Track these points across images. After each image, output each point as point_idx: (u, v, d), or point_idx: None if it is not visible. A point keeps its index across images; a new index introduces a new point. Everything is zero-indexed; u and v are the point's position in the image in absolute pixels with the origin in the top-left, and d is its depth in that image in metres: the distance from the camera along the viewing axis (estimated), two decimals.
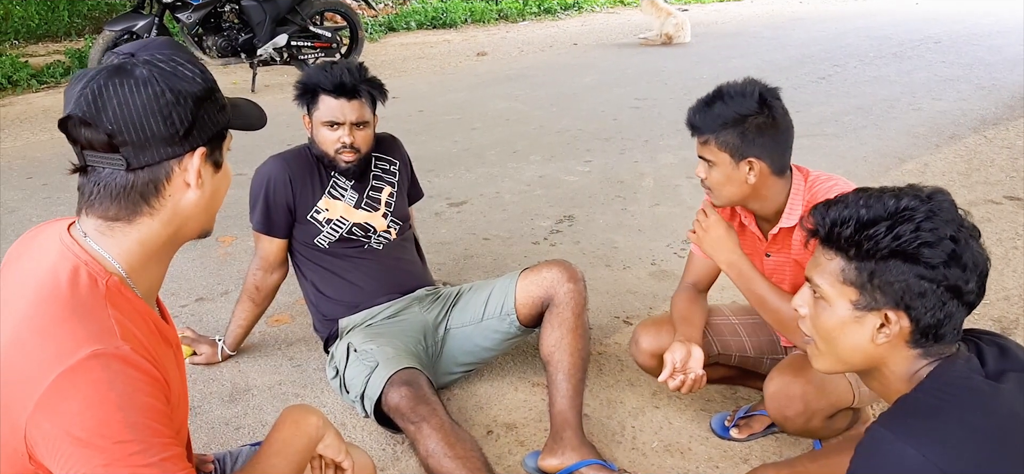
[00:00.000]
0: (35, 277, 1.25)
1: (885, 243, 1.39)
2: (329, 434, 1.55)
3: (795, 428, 2.30)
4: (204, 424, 2.67)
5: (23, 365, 1.16)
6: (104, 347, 1.16)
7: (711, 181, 2.29)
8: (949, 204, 1.41)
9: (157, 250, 1.32)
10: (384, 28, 11.31)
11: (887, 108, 6.92)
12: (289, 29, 7.75)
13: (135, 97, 1.21)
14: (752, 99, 2.21)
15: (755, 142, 2.21)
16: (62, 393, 1.13)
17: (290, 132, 6.07)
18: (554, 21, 12.84)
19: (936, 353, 1.42)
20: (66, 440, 1.12)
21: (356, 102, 2.72)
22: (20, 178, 5.15)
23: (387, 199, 2.91)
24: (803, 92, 7.53)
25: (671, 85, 7.98)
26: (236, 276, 3.71)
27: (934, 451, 1.25)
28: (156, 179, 1.26)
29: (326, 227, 2.82)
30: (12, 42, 9.45)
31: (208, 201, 1.35)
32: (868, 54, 9.49)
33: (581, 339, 2.61)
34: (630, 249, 4.08)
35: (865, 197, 1.45)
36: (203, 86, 1.28)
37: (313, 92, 2.74)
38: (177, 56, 1.28)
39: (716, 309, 2.65)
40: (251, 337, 3.10)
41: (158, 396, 1.21)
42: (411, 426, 2.37)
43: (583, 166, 5.47)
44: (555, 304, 2.63)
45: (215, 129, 1.31)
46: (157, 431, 1.18)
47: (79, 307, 1.20)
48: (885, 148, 5.77)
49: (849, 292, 1.45)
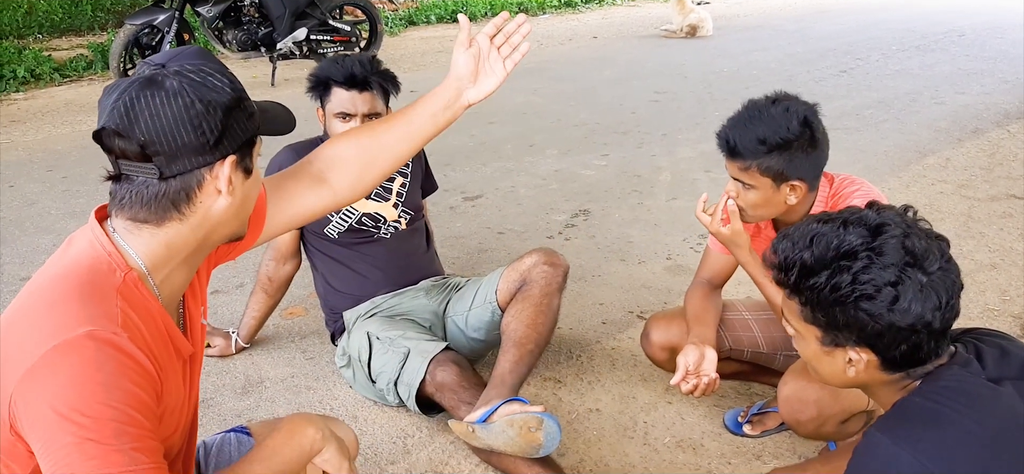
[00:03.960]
0: (61, 258, 1.31)
1: (824, 295, 1.37)
2: (329, 448, 1.51)
3: (807, 432, 2.27)
4: (216, 416, 2.68)
5: (24, 334, 1.21)
6: (100, 330, 1.19)
7: (746, 201, 2.23)
8: (894, 242, 1.35)
9: (184, 253, 1.35)
10: (404, 22, 11.32)
11: (909, 102, 6.85)
12: (308, 23, 7.77)
13: (166, 108, 1.24)
14: (796, 121, 2.13)
15: (799, 165, 2.15)
16: (52, 366, 1.16)
17: (309, 127, 6.05)
18: (575, 14, 12.79)
19: (920, 373, 1.40)
20: (47, 411, 1.15)
21: (368, 94, 2.72)
22: (41, 171, 5.20)
23: (398, 189, 2.90)
24: (824, 85, 7.45)
25: (691, 79, 7.93)
26: (251, 269, 3.71)
27: (928, 456, 1.24)
28: (188, 187, 1.29)
29: (336, 216, 2.82)
30: (36, 36, 9.55)
31: (239, 207, 1.37)
32: (891, 47, 9.38)
33: (541, 315, 2.55)
34: (646, 243, 4.06)
35: (815, 232, 1.40)
36: (232, 95, 1.30)
37: (325, 84, 2.76)
38: (207, 66, 1.30)
39: (730, 304, 2.63)
40: (265, 330, 3.11)
41: (146, 388, 1.22)
42: (463, 405, 2.40)
43: (600, 160, 5.44)
44: (526, 283, 2.61)
45: (244, 137, 1.33)
46: (135, 420, 1.19)
47: (89, 290, 1.23)
48: (906, 142, 5.71)
49: (813, 330, 1.44)
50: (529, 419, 2.25)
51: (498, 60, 1.68)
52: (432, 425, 2.60)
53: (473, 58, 1.67)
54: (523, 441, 2.24)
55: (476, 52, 1.68)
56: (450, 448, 2.51)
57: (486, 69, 1.68)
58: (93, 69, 8.19)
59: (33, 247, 3.98)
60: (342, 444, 1.54)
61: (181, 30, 7.28)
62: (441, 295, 2.86)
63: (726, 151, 2.22)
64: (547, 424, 2.25)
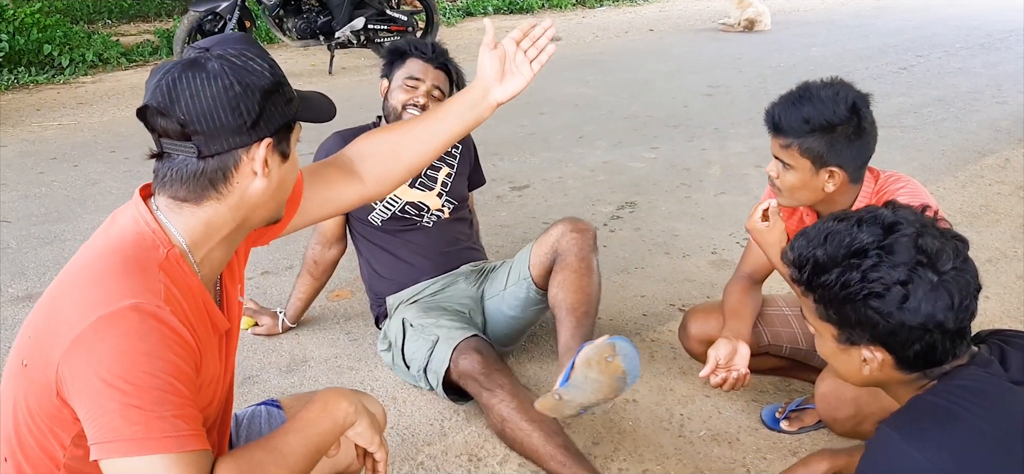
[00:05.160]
0: (106, 233, 1.36)
1: (834, 292, 1.37)
2: (361, 422, 1.51)
3: (844, 430, 2.25)
4: (261, 393, 2.76)
5: (72, 306, 1.26)
6: (144, 302, 1.24)
7: (784, 183, 2.22)
8: (906, 241, 1.34)
9: (223, 232, 1.39)
10: (461, 12, 11.38)
11: (970, 100, 6.69)
12: (366, 12, 7.87)
13: (206, 89, 1.28)
14: (843, 106, 2.11)
15: (841, 152, 2.13)
16: (99, 335, 1.21)
17: (363, 114, 6.14)
18: (632, 7, 12.72)
19: (937, 372, 1.39)
20: (93, 378, 1.20)
21: (440, 71, 2.86)
22: (104, 152, 5.37)
23: (443, 178, 2.95)
24: (883, 82, 7.31)
25: (746, 73, 7.85)
26: (300, 251, 3.78)
27: (938, 455, 1.24)
28: (225, 167, 1.33)
29: (379, 204, 2.87)
30: (106, 21, 9.83)
31: (275, 189, 1.41)
32: (954, 44, 9.16)
33: (584, 277, 2.57)
34: (691, 237, 4.06)
35: (830, 230, 1.41)
36: (271, 80, 1.34)
37: (401, 54, 2.88)
38: (248, 50, 1.35)
39: (770, 299, 2.62)
40: (311, 311, 3.19)
41: (186, 359, 1.27)
42: (485, 392, 2.43)
43: (649, 153, 5.43)
44: (559, 253, 2.64)
45: (282, 121, 1.37)
46: (177, 389, 1.24)
47: (133, 265, 1.29)
48: (965, 142, 5.58)
49: (829, 328, 1.45)
50: (602, 349, 2.20)
51: (524, 61, 1.73)
52: (469, 410, 2.65)
53: (499, 59, 1.72)
54: (607, 377, 2.19)
55: (501, 54, 1.73)
56: (486, 432, 2.54)
57: (512, 69, 1.73)
58: (158, 54, 8.41)
59: (93, 224, 4.06)
60: (374, 418, 1.55)
61: (243, 17, 7.43)
62: (478, 279, 2.91)
63: (770, 127, 2.21)
64: (620, 345, 2.21)
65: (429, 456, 2.46)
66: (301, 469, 1.38)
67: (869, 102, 2.18)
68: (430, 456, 2.47)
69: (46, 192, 4.65)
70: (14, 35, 7.49)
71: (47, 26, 7.82)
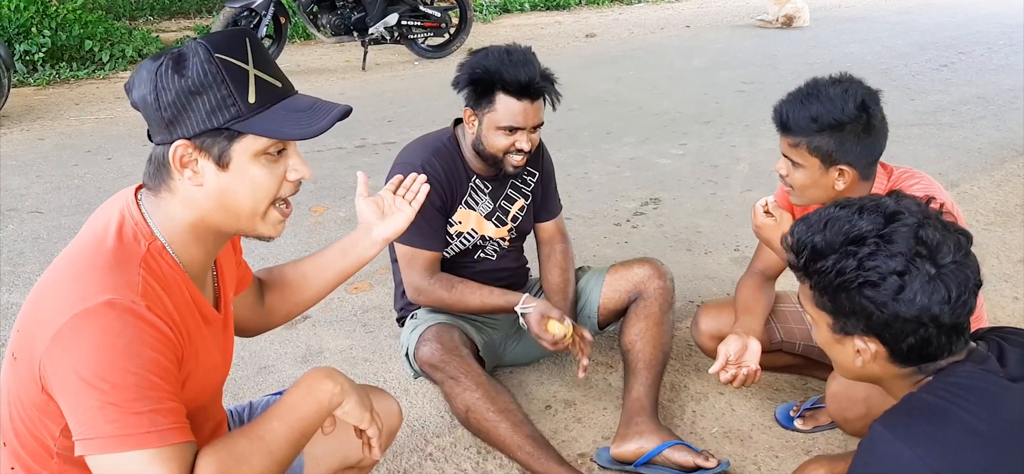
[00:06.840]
0: (92, 226, 1.37)
1: (830, 279, 1.35)
2: (348, 400, 1.46)
3: (855, 430, 2.22)
4: (275, 383, 2.79)
5: (52, 301, 1.28)
6: (119, 298, 1.25)
7: (794, 181, 2.19)
8: (906, 231, 1.31)
9: (186, 229, 1.38)
10: (498, 9, 11.39)
11: (1011, 99, 6.54)
12: (400, 9, 7.92)
13: (149, 79, 1.31)
14: (852, 104, 2.07)
15: (850, 150, 2.09)
16: (75, 332, 1.22)
17: (394, 108, 6.23)
18: (669, 3, 12.64)
19: (932, 368, 1.37)
20: (71, 376, 1.22)
21: (538, 103, 2.45)
22: (137, 145, 5.47)
23: (516, 212, 2.73)
24: (921, 79, 7.18)
25: (781, 70, 7.75)
26: (326, 245, 3.84)
27: (929, 453, 1.22)
28: (161, 159, 1.35)
29: (455, 240, 2.65)
30: (147, 18, 10.00)
31: (216, 198, 1.36)
32: (997, 42, 8.97)
33: (664, 334, 2.60)
34: (714, 234, 4.02)
35: (830, 217, 1.38)
36: (197, 82, 1.29)
37: (488, 89, 2.42)
38: (208, 48, 1.30)
39: (783, 296, 2.59)
40: (329, 301, 3.19)
41: (166, 354, 1.28)
42: (448, 380, 2.41)
43: (677, 149, 5.40)
44: (643, 298, 2.63)
45: (204, 127, 1.31)
46: (156, 384, 1.25)
47: (113, 260, 1.30)
48: (1003, 140, 5.45)
49: (824, 317, 1.42)
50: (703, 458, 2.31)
51: (404, 203, 1.85)
52: None
53: (376, 205, 1.83)
54: None
55: (379, 200, 1.84)
56: None
57: (391, 210, 1.84)
58: None
59: None
60: (363, 395, 1.49)
61: (278, 13, 7.53)
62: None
63: (778, 125, 2.18)
64: None
65: (438, 447, 2.47)
66: (285, 454, 1.37)
67: (878, 99, 2.14)
68: (439, 447, 2.47)
69: (79, 184, 4.75)
70: (57, 31, 7.65)
71: (89, 22, 7.99)
